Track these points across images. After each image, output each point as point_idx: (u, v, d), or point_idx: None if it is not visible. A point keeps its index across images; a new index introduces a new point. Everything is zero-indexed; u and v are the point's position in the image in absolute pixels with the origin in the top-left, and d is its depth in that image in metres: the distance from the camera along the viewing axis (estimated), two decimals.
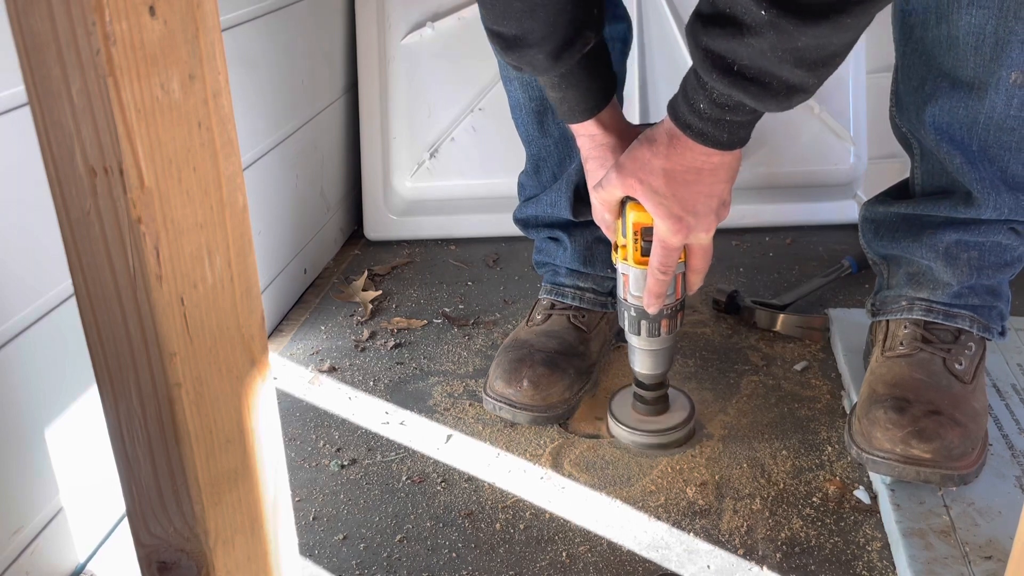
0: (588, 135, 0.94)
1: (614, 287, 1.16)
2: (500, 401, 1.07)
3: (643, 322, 0.97)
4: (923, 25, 0.93)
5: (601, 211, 0.94)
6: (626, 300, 0.97)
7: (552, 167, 1.15)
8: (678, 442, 1.04)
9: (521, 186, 1.22)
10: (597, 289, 1.18)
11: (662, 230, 0.87)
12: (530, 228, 1.22)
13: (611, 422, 1.06)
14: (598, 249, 1.17)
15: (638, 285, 0.95)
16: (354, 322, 1.36)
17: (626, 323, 0.99)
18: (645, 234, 0.91)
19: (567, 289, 1.18)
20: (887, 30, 1.01)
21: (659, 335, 0.98)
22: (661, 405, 1.05)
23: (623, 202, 0.91)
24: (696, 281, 0.95)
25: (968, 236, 0.99)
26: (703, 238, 0.89)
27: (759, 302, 1.31)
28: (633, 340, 1.00)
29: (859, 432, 0.94)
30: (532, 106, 1.11)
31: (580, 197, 1.13)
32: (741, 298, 1.32)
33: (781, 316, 1.27)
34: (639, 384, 1.05)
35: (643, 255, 0.92)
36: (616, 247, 0.96)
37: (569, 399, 1.08)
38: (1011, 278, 1.03)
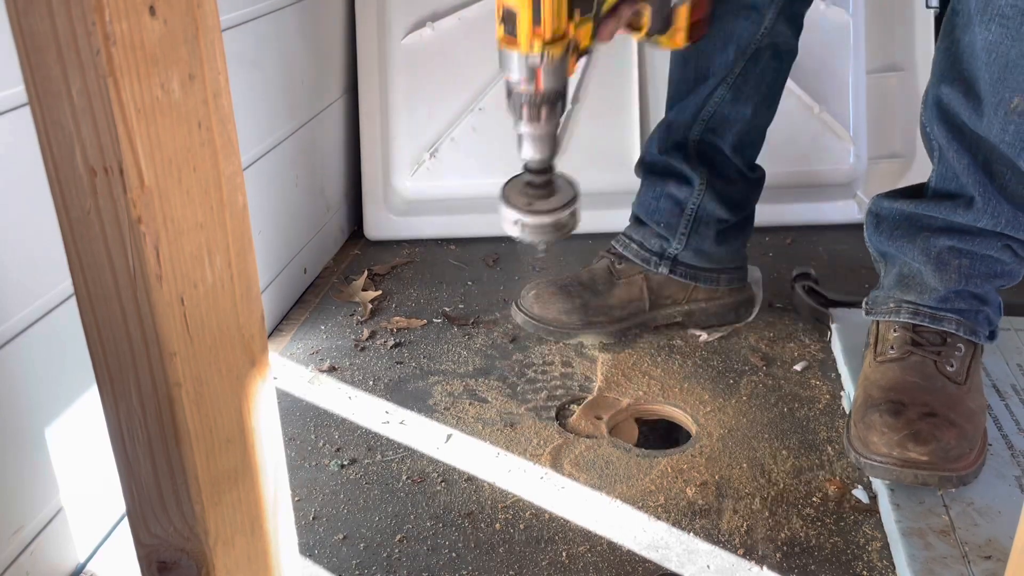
0: None
1: (660, 245, 1.25)
2: (516, 306, 1.26)
3: (524, 108, 0.98)
4: (961, 28, 0.95)
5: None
6: (508, 83, 0.99)
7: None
8: (566, 224, 1.03)
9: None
10: (644, 244, 1.26)
11: None
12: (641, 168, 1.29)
13: (502, 206, 1.05)
14: (661, 205, 1.24)
15: (507, 64, 0.96)
16: (354, 322, 1.36)
17: (512, 109, 1.00)
18: (506, 16, 0.92)
19: (623, 236, 1.29)
20: (887, 29, 1.01)
21: (539, 120, 0.99)
22: (546, 190, 1.04)
23: None
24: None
25: (962, 244, 1.00)
26: None
27: (834, 300, 1.28)
28: (518, 127, 1.02)
29: (856, 437, 0.94)
30: None
31: (671, 140, 1.22)
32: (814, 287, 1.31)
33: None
34: (527, 169, 1.05)
35: (506, 33, 0.94)
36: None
37: (564, 323, 1.21)
38: (1000, 289, 1.03)
